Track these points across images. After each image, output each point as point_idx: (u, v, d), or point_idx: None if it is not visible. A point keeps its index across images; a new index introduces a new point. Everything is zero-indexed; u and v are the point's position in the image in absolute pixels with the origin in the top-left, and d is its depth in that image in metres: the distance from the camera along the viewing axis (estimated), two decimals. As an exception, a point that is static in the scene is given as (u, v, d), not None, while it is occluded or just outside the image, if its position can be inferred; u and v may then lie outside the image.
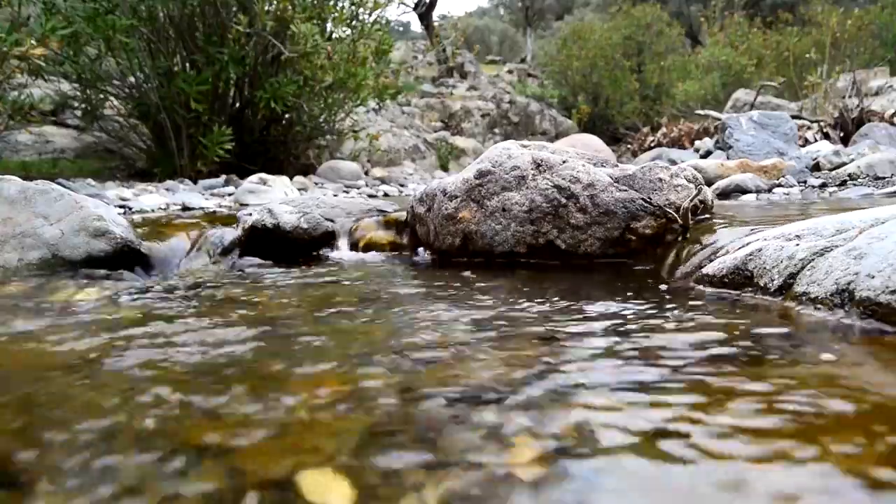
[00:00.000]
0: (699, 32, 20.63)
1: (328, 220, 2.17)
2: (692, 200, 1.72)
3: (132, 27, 5.66)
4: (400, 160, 10.20)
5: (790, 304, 1.09)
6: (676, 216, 1.70)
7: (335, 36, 7.30)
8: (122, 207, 3.96)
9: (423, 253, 2.06)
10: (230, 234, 2.14)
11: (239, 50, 6.11)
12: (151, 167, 6.49)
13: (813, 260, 1.12)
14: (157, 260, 2.03)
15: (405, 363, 0.87)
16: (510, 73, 18.94)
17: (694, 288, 1.33)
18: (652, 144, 10.04)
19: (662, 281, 1.46)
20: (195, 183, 5.70)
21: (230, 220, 2.40)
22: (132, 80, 6.32)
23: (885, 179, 3.80)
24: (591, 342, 0.93)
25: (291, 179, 5.88)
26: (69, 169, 6.27)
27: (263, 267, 1.93)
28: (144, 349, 1.00)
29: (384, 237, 2.16)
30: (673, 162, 5.28)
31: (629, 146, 12.21)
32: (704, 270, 1.36)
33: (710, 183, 3.42)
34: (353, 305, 1.32)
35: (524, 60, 22.00)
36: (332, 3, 7.09)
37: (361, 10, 7.35)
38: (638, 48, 16.91)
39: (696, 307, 1.16)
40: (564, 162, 1.83)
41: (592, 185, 1.76)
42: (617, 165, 1.94)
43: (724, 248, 1.42)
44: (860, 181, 3.84)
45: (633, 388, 0.73)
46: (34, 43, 4.63)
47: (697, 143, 7.95)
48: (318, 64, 6.40)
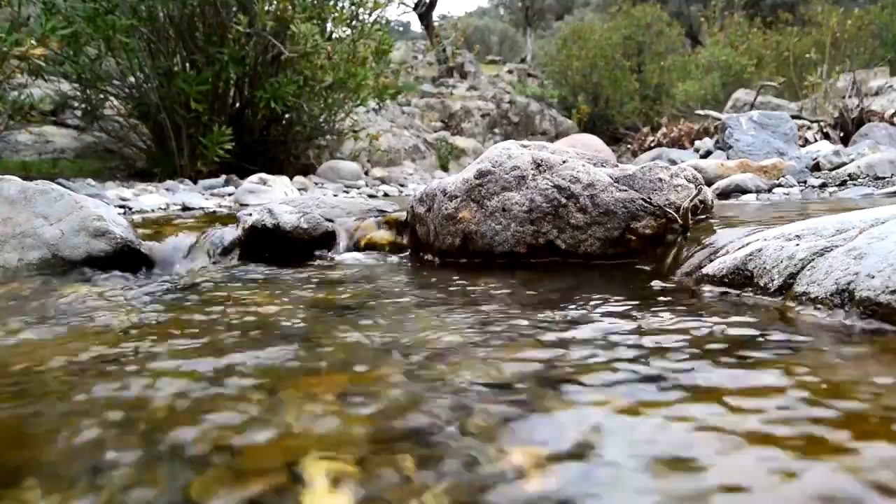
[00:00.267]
0: (699, 32, 20.64)
1: (328, 220, 2.16)
2: (692, 200, 1.72)
3: (132, 27, 5.66)
4: (400, 160, 10.21)
5: (790, 304, 1.09)
6: (676, 216, 1.70)
7: (335, 36, 7.31)
8: (122, 207, 3.96)
9: (423, 253, 2.06)
10: (230, 234, 2.14)
11: (239, 50, 6.12)
12: (151, 167, 6.49)
13: (813, 260, 1.12)
14: (157, 260, 2.03)
15: (404, 363, 0.87)
16: (510, 73, 18.95)
17: (694, 288, 1.33)
18: (652, 144, 10.05)
19: (662, 281, 1.46)
20: (195, 183, 5.70)
21: (230, 220, 2.40)
22: (132, 80, 6.32)
23: (885, 179, 3.80)
24: (590, 342, 0.93)
25: (291, 179, 5.88)
26: (69, 169, 6.27)
27: (263, 267, 1.93)
28: (144, 349, 1.00)
29: (384, 237, 2.16)
30: (673, 162, 5.28)
31: (629, 146, 12.22)
32: (704, 270, 1.36)
33: (710, 183, 3.42)
34: (352, 306, 1.32)
35: (524, 60, 22.01)
36: (332, 3, 7.10)
37: (361, 10, 7.36)
38: (638, 48, 16.92)
39: (695, 307, 1.16)
40: (564, 162, 1.83)
41: (592, 185, 1.76)
42: (617, 165, 1.94)
43: (724, 248, 1.42)
44: (860, 181, 3.84)
45: (632, 387, 0.74)
46: (34, 43, 4.63)
47: (697, 143, 7.96)
48: (318, 64, 6.41)
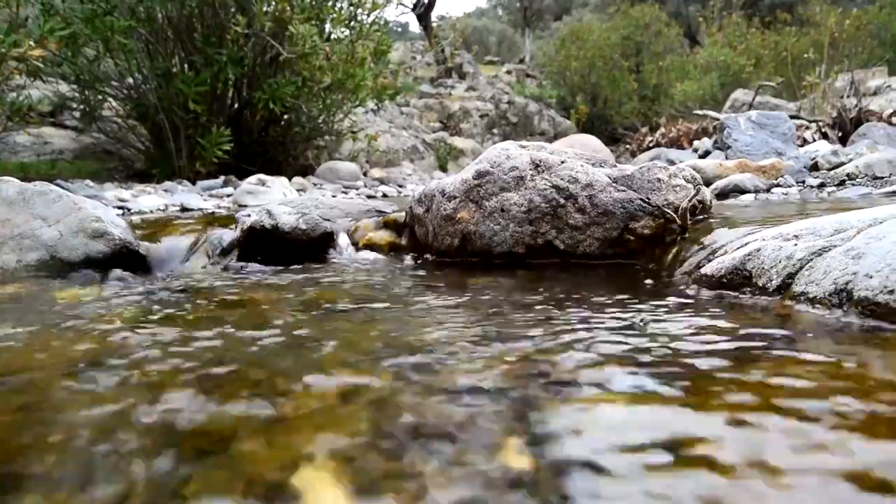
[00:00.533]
0: (697, 32, 20.65)
1: (327, 220, 2.16)
2: (691, 200, 1.72)
3: (130, 28, 5.66)
4: (398, 161, 10.21)
5: (789, 303, 1.09)
6: (675, 216, 1.70)
7: (334, 37, 7.31)
8: (120, 209, 3.96)
9: (421, 254, 2.06)
10: (229, 235, 2.14)
11: (237, 51, 6.11)
12: (150, 168, 6.49)
13: (811, 260, 1.12)
14: (155, 261, 2.03)
15: (403, 364, 0.87)
16: (509, 73, 18.96)
17: (692, 288, 1.34)
18: (650, 144, 10.06)
19: (661, 281, 1.46)
20: (194, 184, 5.70)
21: (229, 220, 2.40)
22: (130, 81, 6.32)
23: (883, 179, 3.81)
24: (588, 342, 0.93)
25: (290, 180, 5.88)
26: (67, 170, 6.27)
27: (262, 268, 1.93)
28: (142, 350, 1.00)
29: (383, 238, 2.16)
30: (671, 162, 5.28)
31: (628, 146, 12.23)
32: (703, 270, 1.36)
33: (708, 183, 3.43)
34: (351, 306, 1.32)
35: (522, 61, 22.02)
36: (330, 3, 7.09)
37: (360, 10, 7.36)
38: (636, 48, 16.93)
39: (694, 307, 1.16)
40: (563, 162, 1.83)
41: (591, 185, 1.76)
42: (615, 166, 1.94)
43: (722, 248, 1.42)
44: (858, 181, 3.85)
45: (630, 387, 0.74)
46: (32, 44, 4.62)
47: (696, 143, 7.97)
48: (316, 65, 6.41)
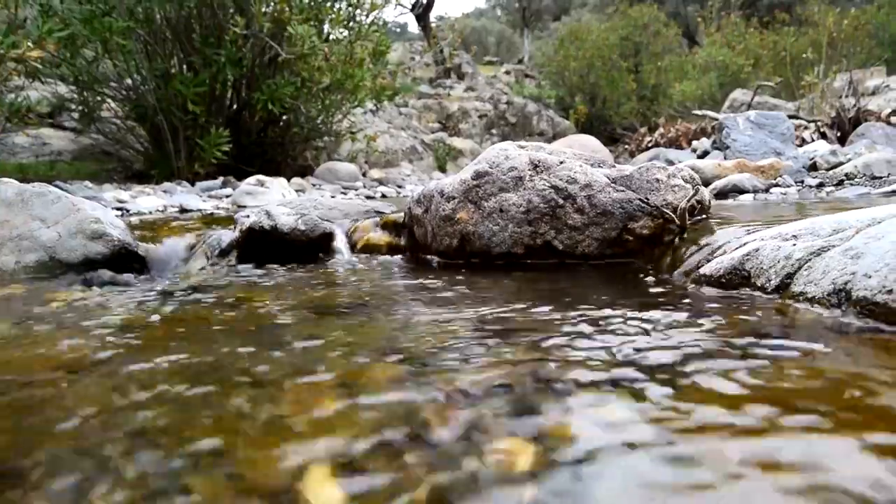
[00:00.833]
0: (696, 33, 20.66)
1: (326, 221, 2.16)
2: (689, 201, 1.73)
3: (129, 29, 5.65)
4: (397, 161, 10.21)
5: (787, 303, 1.09)
6: (674, 216, 1.70)
7: (332, 37, 7.31)
8: (119, 210, 3.96)
9: (420, 254, 2.06)
10: (228, 235, 2.14)
11: (236, 51, 6.11)
12: (149, 169, 6.48)
13: (810, 260, 1.12)
14: (154, 262, 2.03)
15: (402, 364, 0.87)
16: (507, 73, 18.96)
17: (691, 288, 1.34)
18: (649, 145, 10.07)
19: (660, 281, 1.46)
20: (192, 185, 5.69)
21: (228, 221, 2.40)
22: (129, 82, 6.31)
23: (881, 179, 3.81)
24: (587, 342, 0.93)
25: (289, 181, 5.88)
26: (66, 171, 6.26)
27: (261, 269, 1.93)
28: (141, 351, 1.00)
29: (382, 238, 2.16)
30: (670, 162, 5.29)
31: (626, 146, 12.24)
32: (702, 270, 1.36)
33: (707, 183, 3.43)
34: (350, 307, 1.31)
35: (521, 61, 22.01)
36: (329, 4, 7.09)
37: (358, 11, 7.36)
38: (635, 49, 16.93)
39: (693, 307, 1.16)
40: (562, 163, 1.83)
41: (590, 185, 1.76)
42: (614, 166, 1.94)
43: (721, 248, 1.42)
44: (857, 181, 3.85)
45: (629, 387, 0.74)
46: (31, 45, 4.62)
47: (695, 143, 7.98)
48: (315, 65, 6.41)
